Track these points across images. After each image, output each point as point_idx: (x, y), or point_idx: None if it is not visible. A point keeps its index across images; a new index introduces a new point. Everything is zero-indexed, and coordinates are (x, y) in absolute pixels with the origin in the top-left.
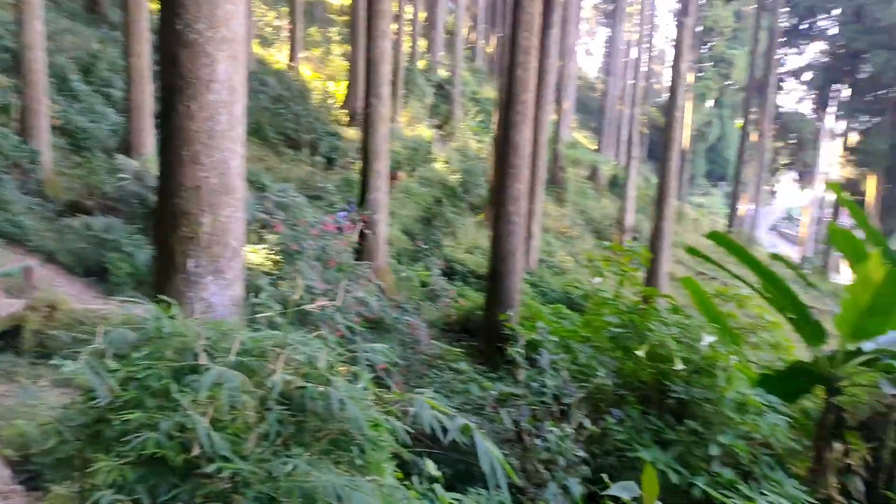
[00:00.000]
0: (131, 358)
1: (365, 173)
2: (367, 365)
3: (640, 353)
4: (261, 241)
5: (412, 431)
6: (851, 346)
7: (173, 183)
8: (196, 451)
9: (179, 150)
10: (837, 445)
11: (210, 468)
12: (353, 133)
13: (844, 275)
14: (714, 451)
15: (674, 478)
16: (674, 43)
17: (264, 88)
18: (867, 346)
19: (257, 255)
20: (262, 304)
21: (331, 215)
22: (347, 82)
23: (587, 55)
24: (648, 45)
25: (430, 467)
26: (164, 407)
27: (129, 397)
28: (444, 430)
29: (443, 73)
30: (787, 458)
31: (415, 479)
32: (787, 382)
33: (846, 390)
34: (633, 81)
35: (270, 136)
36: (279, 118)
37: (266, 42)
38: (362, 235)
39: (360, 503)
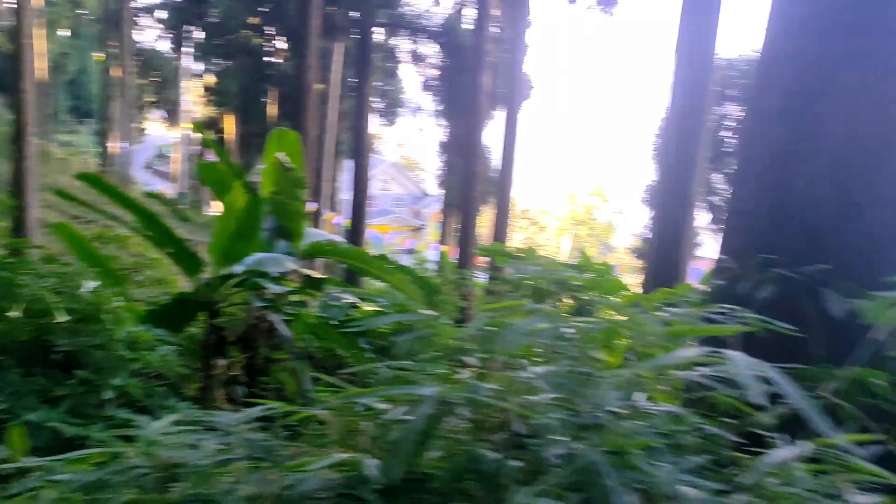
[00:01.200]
0: None
1: None
2: None
3: (17, 312)
4: None
5: None
6: (224, 271)
7: None
8: None
9: None
10: (222, 361)
11: None
12: None
13: (215, 207)
14: (108, 394)
15: (68, 431)
16: None
17: None
18: (237, 268)
19: None
20: None
21: None
22: None
23: None
24: None
25: None
26: None
27: None
28: None
29: None
30: (180, 383)
31: None
32: (172, 314)
33: (225, 311)
34: None
35: None
36: None
37: None
38: None
39: None
